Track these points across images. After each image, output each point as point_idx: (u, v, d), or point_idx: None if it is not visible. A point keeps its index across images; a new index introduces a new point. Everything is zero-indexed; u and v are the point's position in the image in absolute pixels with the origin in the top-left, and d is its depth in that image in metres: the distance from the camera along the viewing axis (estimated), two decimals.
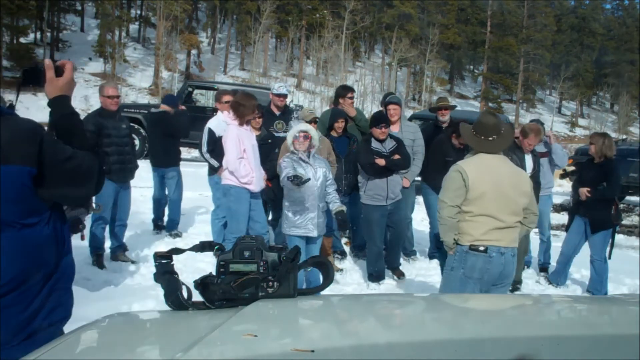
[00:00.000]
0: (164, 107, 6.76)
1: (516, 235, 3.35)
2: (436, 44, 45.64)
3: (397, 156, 5.22)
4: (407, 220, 6.07)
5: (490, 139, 3.28)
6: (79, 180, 1.78)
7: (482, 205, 3.22)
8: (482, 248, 3.23)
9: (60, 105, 1.79)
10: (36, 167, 1.65)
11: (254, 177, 4.98)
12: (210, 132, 5.80)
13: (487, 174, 3.25)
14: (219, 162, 5.73)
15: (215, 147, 5.76)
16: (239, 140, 4.93)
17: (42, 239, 1.77)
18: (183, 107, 7.50)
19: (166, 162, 6.52)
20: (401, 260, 5.94)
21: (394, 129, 5.62)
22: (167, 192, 6.62)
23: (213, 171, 5.93)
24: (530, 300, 1.99)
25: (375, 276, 5.32)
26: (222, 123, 5.92)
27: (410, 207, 6.27)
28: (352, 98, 6.20)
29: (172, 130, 6.56)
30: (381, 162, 5.10)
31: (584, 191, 5.24)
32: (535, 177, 5.51)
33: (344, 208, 4.69)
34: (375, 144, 5.23)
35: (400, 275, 5.48)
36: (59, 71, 1.80)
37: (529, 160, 5.61)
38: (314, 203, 4.52)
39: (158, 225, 6.67)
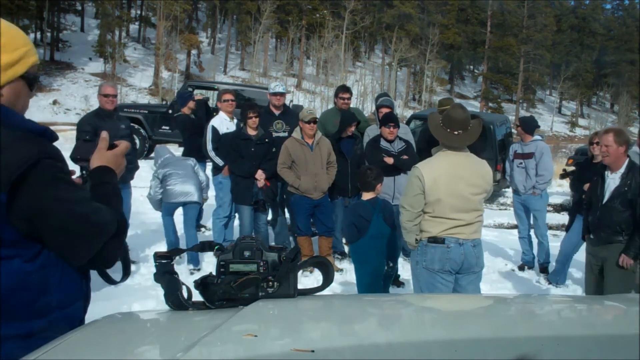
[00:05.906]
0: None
1: (477, 228, 3.37)
2: (436, 44, 45.66)
3: (405, 157, 5.25)
4: None
5: (456, 132, 3.24)
6: (81, 233, 1.43)
7: (439, 208, 3.26)
8: (440, 239, 3.29)
9: (99, 173, 1.65)
10: (5, 193, 1.32)
11: None
12: (214, 130, 5.78)
13: (444, 177, 3.24)
14: (223, 161, 5.72)
15: (219, 145, 5.75)
16: None
17: (13, 277, 1.37)
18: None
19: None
20: (401, 261, 5.92)
21: None
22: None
23: (217, 171, 5.89)
24: (530, 300, 1.99)
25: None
26: (224, 121, 5.92)
27: None
28: (344, 99, 6.17)
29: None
30: (389, 160, 5.13)
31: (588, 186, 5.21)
32: None
33: None
34: (384, 144, 5.26)
35: (399, 284, 5.47)
36: (112, 146, 1.71)
37: None
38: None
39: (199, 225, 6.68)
